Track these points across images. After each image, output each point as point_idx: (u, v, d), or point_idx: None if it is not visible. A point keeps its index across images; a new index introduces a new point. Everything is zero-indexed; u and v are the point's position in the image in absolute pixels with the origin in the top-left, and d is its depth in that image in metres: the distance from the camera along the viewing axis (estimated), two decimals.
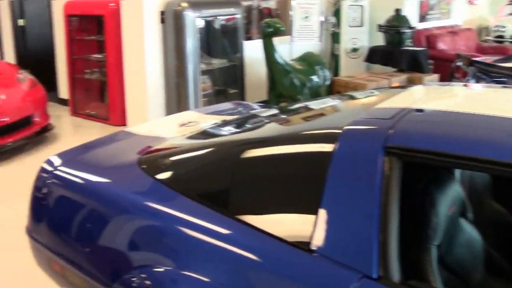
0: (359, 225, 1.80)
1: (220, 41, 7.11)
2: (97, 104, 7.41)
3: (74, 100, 7.51)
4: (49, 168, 2.70)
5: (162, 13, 6.29)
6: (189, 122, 3.19)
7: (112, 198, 2.41)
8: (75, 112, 7.49)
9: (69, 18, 7.29)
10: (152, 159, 2.62)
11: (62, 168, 2.68)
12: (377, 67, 8.15)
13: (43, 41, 8.41)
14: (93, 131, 6.77)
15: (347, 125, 2.04)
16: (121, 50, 6.58)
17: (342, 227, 1.83)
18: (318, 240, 1.83)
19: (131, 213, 2.33)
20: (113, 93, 6.92)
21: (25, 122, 6.07)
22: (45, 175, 2.71)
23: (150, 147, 2.79)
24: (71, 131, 6.95)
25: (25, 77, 6.47)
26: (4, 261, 3.80)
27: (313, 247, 1.83)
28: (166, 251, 2.15)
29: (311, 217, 1.87)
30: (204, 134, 2.88)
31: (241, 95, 7.02)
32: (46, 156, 5.71)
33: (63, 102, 7.95)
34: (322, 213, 1.86)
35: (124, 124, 6.72)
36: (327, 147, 1.98)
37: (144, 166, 2.52)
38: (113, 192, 2.43)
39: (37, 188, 2.73)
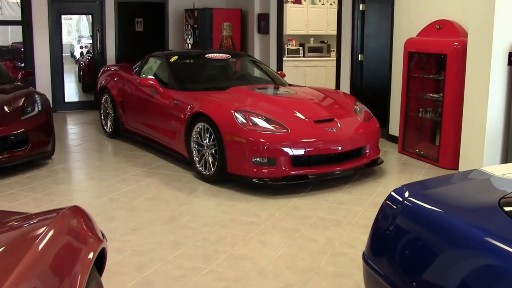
0: None
1: None
2: (427, 144, 7.21)
3: (404, 138, 7.44)
4: (398, 198, 2.57)
5: (510, 54, 5.87)
6: None
7: (467, 237, 2.19)
8: (403, 150, 7.41)
9: (409, 55, 7.26)
10: None
11: (411, 199, 2.53)
12: None
13: (379, 77, 8.55)
14: (420, 170, 6.59)
15: None
16: (461, 91, 6.30)
17: None
18: None
19: (488, 257, 2.06)
20: (447, 134, 6.65)
21: (357, 152, 6.15)
22: (392, 204, 2.59)
23: None
24: (398, 168, 6.86)
25: (361, 109, 6.58)
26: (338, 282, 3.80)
27: None
28: None
29: None
30: None
31: None
32: (371, 188, 5.83)
33: (392, 138, 7.95)
34: None
35: (455, 168, 6.40)
36: None
37: (508, 209, 2.28)
38: (469, 232, 2.20)
39: (382, 216, 2.63)
